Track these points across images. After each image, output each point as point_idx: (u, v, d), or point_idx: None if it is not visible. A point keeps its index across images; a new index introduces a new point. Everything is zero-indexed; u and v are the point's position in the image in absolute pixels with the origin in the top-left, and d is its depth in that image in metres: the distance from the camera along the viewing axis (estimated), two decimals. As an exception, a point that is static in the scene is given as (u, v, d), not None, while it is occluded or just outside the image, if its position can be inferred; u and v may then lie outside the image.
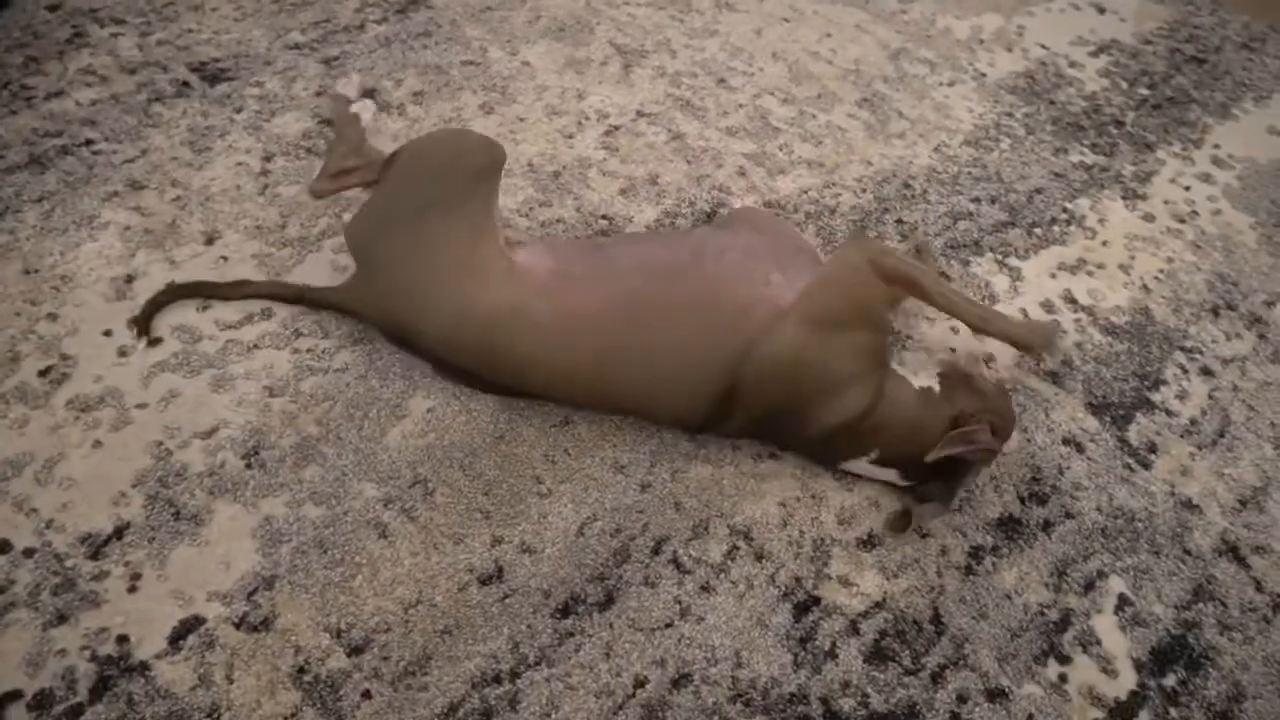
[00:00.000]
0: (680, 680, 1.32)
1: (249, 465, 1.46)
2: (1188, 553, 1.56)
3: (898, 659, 1.37)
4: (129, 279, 1.68)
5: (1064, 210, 2.17)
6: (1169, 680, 1.41)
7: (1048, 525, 1.56)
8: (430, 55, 2.28)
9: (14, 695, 1.20)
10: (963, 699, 1.34)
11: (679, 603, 1.39)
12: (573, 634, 1.34)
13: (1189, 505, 1.63)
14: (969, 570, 1.48)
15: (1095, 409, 1.75)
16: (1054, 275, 2.00)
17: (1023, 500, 1.59)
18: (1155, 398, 1.80)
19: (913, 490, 1.53)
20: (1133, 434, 1.72)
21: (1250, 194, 2.35)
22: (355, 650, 1.29)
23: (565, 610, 1.37)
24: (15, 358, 1.54)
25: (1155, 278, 2.05)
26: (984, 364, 1.72)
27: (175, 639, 1.28)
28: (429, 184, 1.52)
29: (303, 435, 1.51)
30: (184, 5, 2.29)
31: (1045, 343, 1.64)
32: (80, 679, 1.22)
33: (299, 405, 1.55)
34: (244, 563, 1.36)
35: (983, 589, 1.46)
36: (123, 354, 1.58)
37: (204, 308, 1.66)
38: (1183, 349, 1.90)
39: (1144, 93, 2.64)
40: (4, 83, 2.03)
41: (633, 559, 1.43)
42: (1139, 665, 1.42)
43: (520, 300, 1.45)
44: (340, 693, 1.25)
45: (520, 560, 1.41)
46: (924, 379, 1.55)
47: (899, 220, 2.05)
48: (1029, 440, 1.67)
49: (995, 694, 1.35)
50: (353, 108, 1.88)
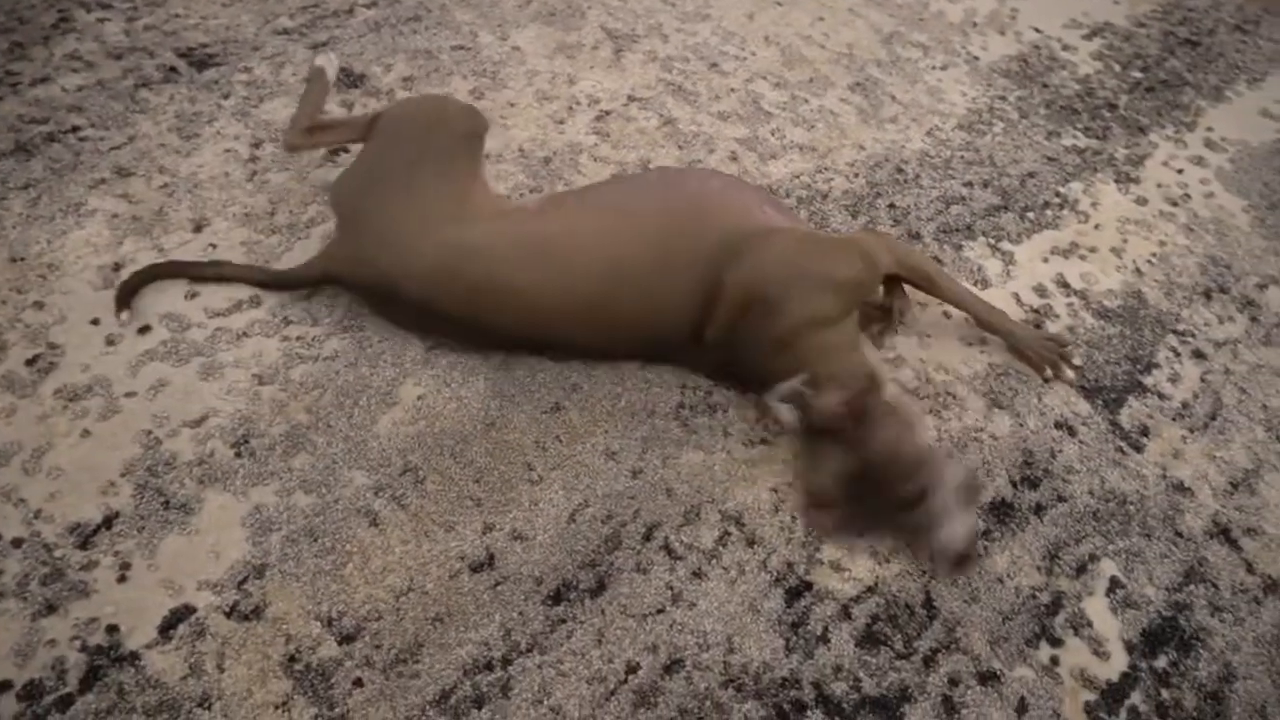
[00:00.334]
0: (672, 666, 1.32)
1: (239, 454, 1.46)
2: (1179, 535, 1.56)
3: (890, 643, 1.37)
4: (116, 267, 1.67)
5: (1057, 194, 2.17)
6: (1160, 662, 1.41)
7: (1040, 509, 1.56)
8: (420, 40, 2.26)
9: (3, 686, 1.20)
10: (955, 682, 1.34)
11: (671, 589, 1.39)
12: (564, 621, 1.34)
13: (1181, 488, 1.63)
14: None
15: (1087, 392, 1.74)
16: (1046, 259, 2.00)
17: (1015, 484, 1.59)
18: (1147, 381, 1.79)
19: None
20: (1125, 417, 1.72)
21: (1243, 177, 2.34)
22: (346, 638, 1.29)
23: (557, 597, 1.37)
24: (2, 346, 1.54)
25: (1148, 261, 2.04)
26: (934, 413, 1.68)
27: (166, 628, 1.27)
28: (417, 142, 1.61)
29: (292, 423, 1.51)
30: (170, -10, 2.28)
31: (1050, 359, 1.74)
32: (70, 669, 1.22)
33: (289, 393, 1.54)
34: (234, 551, 1.36)
35: (974, 573, 1.47)
36: (111, 343, 1.57)
37: (191, 295, 1.65)
38: (1175, 332, 1.90)
39: (1137, 75, 2.63)
40: (-11, 69, 2.02)
41: (624, 545, 1.43)
42: (1130, 647, 1.42)
43: (516, 229, 1.55)
44: (331, 681, 1.25)
45: (511, 547, 1.41)
46: (874, 358, 1.57)
47: (891, 205, 2.04)
48: (1021, 424, 1.67)
49: (987, 677, 1.35)
50: (317, 60, 1.88)
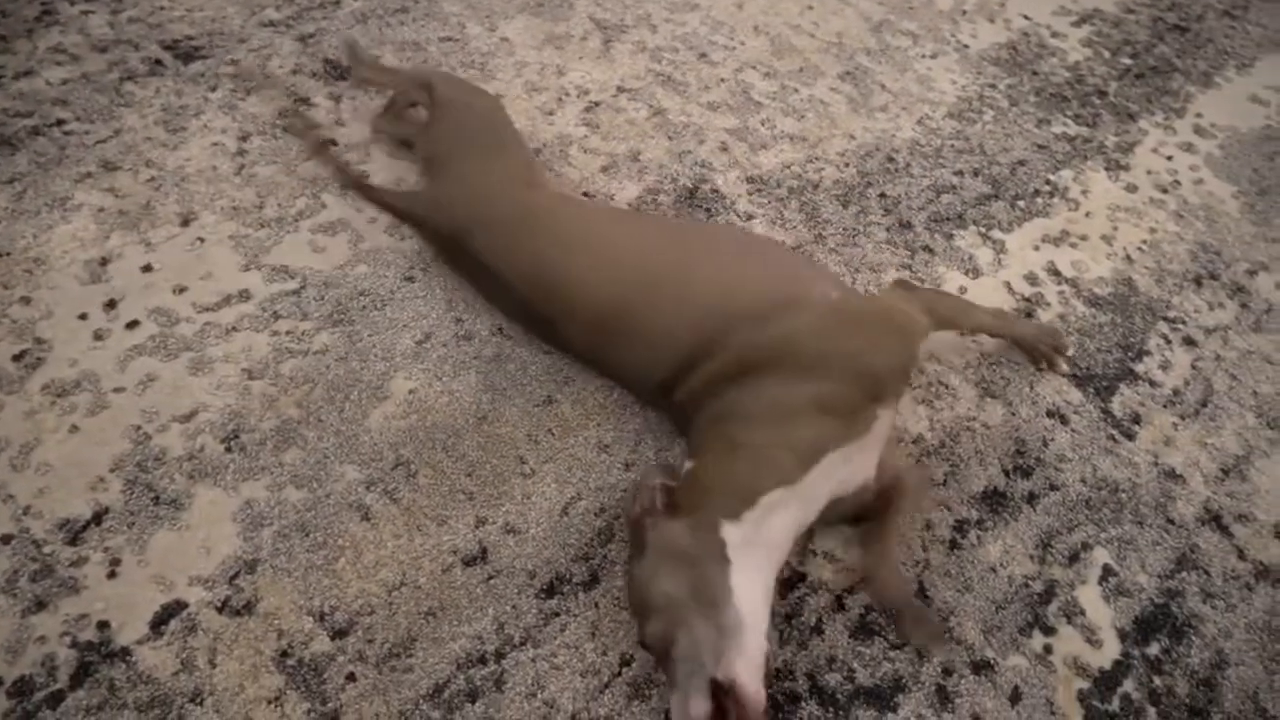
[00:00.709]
0: (666, 657, 1.31)
1: (229, 449, 1.45)
2: (1171, 522, 1.57)
3: (883, 633, 1.38)
4: (103, 261, 1.66)
5: (1047, 182, 2.17)
6: (1153, 649, 1.41)
7: (1032, 497, 1.56)
8: (407, 31, 2.25)
9: (-6, 683, 1.19)
10: (948, 672, 1.34)
11: (664, 580, 1.39)
12: (558, 614, 1.34)
13: (1172, 475, 1.63)
14: (953, 544, 1.48)
15: (1079, 381, 1.75)
16: (1037, 247, 2.00)
17: (1007, 473, 1.59)
18: (1139, 368, 1.80)
19: None
20: (1116, 405, 1.72)
21: (1232, 163, 2.35)
22: (339, 633, 1.28)
23: (550, 590, 1.36)
24: (-12, 343, 1.53)
25: (1138, 248, 2.05)
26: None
27: (157, 624, 1.26)
28: (488, 117, 1.83)
29: (283, 418, 1.50)
30: (155, -18, 2.26)
31: (1046, 352, 1.74)
32: (60, 665, 1.21)
33: (279, 388, 1.53)
34: (225, 547, 1.35)
35: (967, 562, 1.47)
36: (99, 338, 1.56)
37: (179, 290, 1.63)
38: (1166, 319, 1.90)
39: (1126, 62, 2.63)
40: (-29, 63, 2.00)
41: (617, 538, 1.42)
42: (1123, 635, 1.42)
43: (575, 201, 1.78)
44: (324, 676, 1.24)
45: (504, 541, 1.40)
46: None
47: (882, 194, 2.04)
48: (1013, 413, 1.67)
49: (980, 666, 1.35)
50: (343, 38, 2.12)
